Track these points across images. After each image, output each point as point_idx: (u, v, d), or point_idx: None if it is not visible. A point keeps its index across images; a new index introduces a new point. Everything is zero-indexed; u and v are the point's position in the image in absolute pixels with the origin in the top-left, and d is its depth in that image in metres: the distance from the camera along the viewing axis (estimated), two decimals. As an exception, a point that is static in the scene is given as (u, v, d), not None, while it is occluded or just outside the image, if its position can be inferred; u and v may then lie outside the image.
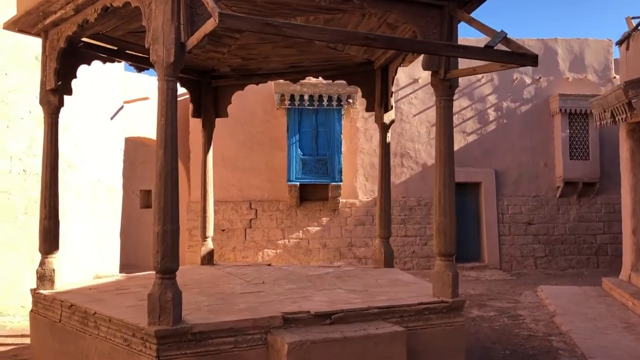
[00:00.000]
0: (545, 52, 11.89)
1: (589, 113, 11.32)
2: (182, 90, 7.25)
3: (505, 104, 12.02)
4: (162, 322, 3.47)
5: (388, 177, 6.28)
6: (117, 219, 9.14)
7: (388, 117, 6.17)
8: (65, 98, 5.08)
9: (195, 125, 9.66)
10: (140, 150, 12.18)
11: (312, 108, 10.67)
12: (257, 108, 11.21)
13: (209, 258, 6.72)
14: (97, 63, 5.71)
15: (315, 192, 11.09)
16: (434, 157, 12.13)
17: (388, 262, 6.13)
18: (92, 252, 8.30)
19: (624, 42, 8.88)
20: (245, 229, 11.20)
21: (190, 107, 6.90)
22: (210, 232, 6.80)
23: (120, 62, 5.93)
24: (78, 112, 8.05)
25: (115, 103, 9.10)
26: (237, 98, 7.13)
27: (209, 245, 6.77)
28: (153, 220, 3.60)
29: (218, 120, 6.95)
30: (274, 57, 6.30)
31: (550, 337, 6.36)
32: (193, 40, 3.42)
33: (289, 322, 3.79)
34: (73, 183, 7.94)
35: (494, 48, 3.56)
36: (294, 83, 8.30)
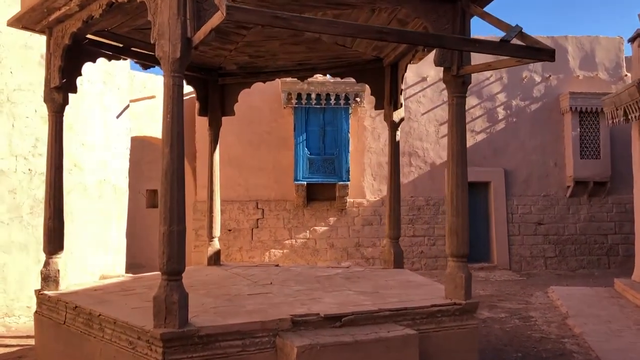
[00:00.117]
0: (556, 50, 11.67)
1: (600, 111, 11.18)
2: (188, 90, 7.19)
3: (515, 103, 11.87)
4: (168, 324, 3.39)
5: (397, 176, 6.18)
6: (123, 219, 9.09)
7: (397, 115, 6.07)
8: (71, 97, 5.02)
9: (202, 124, 9.58)
10: (147, 150, 12.13)
11: (319, 107, 10.57)
12: (263, 107, 11.12)
13: (216, 258, 6.65)
14: (102, 61, 5.65)
15: (323, 191, 10.99)
16: (443, 156, 12.05)
17: (398, 262, 6.03)
18: (98, 252, 8.25)
19: (636, 39, 8.71)
20: (252, 229, 11.12)
21: (197, 105, 6.81)
22: (217, 232, 6.72)
23: (126, 59, 5.85)
24: (84, 111, 8.00)
25: (121, 102, 9.04)
26: (243, 97, 7.05)
27: (216, 246, 6.69)
28: (159, 221, 3.52)
29: (224, 120, 6.87)
30: (282, 54, 6.21)
31: (564, 339, 6.23)
32: (200, 35, 3.34)
33: (298, 324, 3.70)
34: (79, 183, 7.90)
35: (510, 42, 3.45)
36: (302, 81, 8.20)
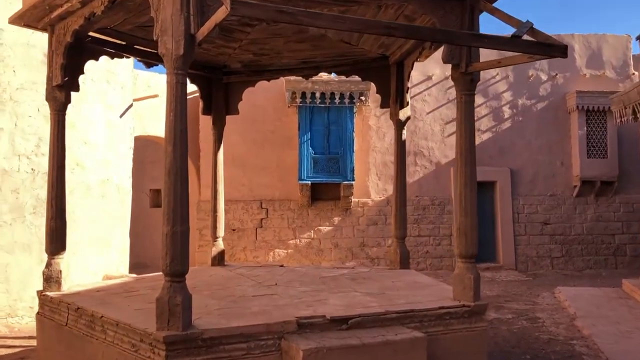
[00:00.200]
0: (565, 47, 11.60)
1: (607, 110, 11.06)
2: (192, 88, 7.12)
3: (521, 101, 11.77)
4: (171, 327, 3.32)
5: (403, 175, 6.09)
6: (126, 219, 9.03)
7: (403, 113, 5.99)
8: (74, 96, 4.96)
9: (206, 123, 9.52)
10: (151, 149, 12.07)
11: (323, 106, 10.49)
12: (267, 106, 11.05)
13: (220, 259, 6.58)
14: (105, 59, 5.59)
15: (327, 191, 10.91)
16: (448, 155, 11.94)
17: (404, 263, 5.95)
18: (101, 252, 8.20)
19: (645, 36, 8.62)
20: (256, 229, 11.05)
21: (201, 104, 6.75)
22: (221, 232, 6.66)
23: (129, 57, 5.79)
24: (87, 110, 7.94)
25: (125, 101, 8.98)
26: (247, 96, 6.98)
27: (220, 246, 6.63)
28: (162, 221, 3.45)
29: (228, 119, 6.81)
30: (286, 52, 6.13)
31: (572, 341, 6.13)
32: (204, 31, 3.26)
33: (304, 327, 3.63)
34: (82, 182, 7.84)
35: (521, 39, 3.36)
36: (306, 79, 8.13)
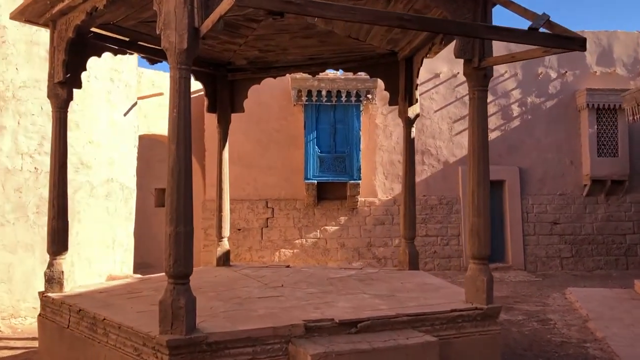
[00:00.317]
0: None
1: (618, 108, 10.88)
2: (198, 86, 7.01)
3: (530, 99, 11.59)
4: (174, 330, 3.22)
5: (412, 174, 5.98)
6: (131, 218, 8.94)
7: (412, 111, 5.88)
8: (77, 94, 4.86)
9: (211, 122, 9.41)
10: (157, 148, 11.98)
11: (330, 104, 10.36)
12: (273, 104, 10.93)
13: (225, 259, 6.48)
14: (109, 57, 5.50)
15: (333, 190, 10.78)
16: (456, 154, 11.76)
17: (413, 264, 5.82)
18: (106, 252, 8.11)
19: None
20: (262, 228, 10.94)
21: (206, 102, 6.64)
22: (227, 232, 6.55)
23: (132, 53, 5.68)
24: (90, 108, 7.85)
25: (129, 99, 8.89)
26: (252, 95, 6.86)
27: (225, 246, 6.52)
28: (165, 221, 3.34)
29: (233, 118, 6.70)
30: (292, 48, 6.02)
31: (585, 344, 5.99)
32: (208, 24, 3.15)
33: (312, 330, 3.51)
34: (86, 182, 7.76)
35: (538, 31, 3.23)
36: (313, 76, 8.01)
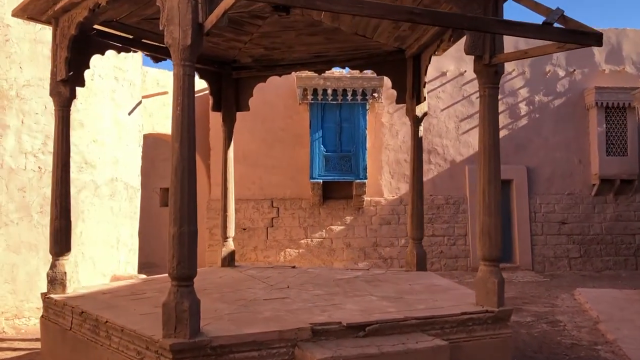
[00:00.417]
0: (581, 42, 11.29)
1: (628, 106, 10.76)
2: (201, 86, 6.92)
3: (538, 98, 11.46)
4: (178, 334, 3.14)
5: (420, 173, 5.88)
6: (135, 218, 8.88)
7: (420, 109, 5.78)
8: (81, 93, 4.79)
9: (216, 121, 9.33)
10: (161, 148, 11.92)
11: (335, 103, 10.27)
12: (278, 103, 10.85)
13: (230, 259, 6.41)
14: (113, 55, 5.42)
15: (339, 189, 10.69)
16: (463, 153, 11.64)
17: (420, 265, 5.72)
18: (110, 252, 8.06)
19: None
20: (267, 228, 10.86)
21: (210, 100, 6.56)
22: (232, 232, 6.48)
23: (136, 51, 5.60)
24: (94, 107, 7.79)
25: (134, 98, 8.82)
26: (257, 93, 6.78)
27: (230, 246, 6.45)
28: (168, 221, 3.26)
29: (238, 117, 6.62)
30: (298, 45, 5.93)
31: (597, 346, 5.87)
32: (212, 19, 3.07)
33: (319, 334, 3.42)
34: (90, 181, 7.70)
35: (553, 26, 3.13)
36: (319, 74, 7.91)
